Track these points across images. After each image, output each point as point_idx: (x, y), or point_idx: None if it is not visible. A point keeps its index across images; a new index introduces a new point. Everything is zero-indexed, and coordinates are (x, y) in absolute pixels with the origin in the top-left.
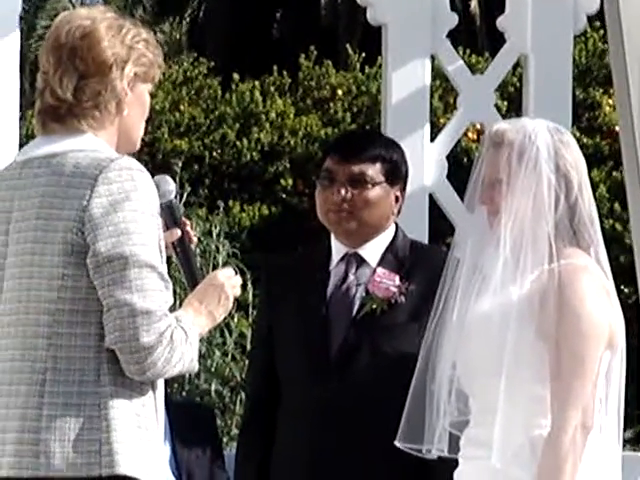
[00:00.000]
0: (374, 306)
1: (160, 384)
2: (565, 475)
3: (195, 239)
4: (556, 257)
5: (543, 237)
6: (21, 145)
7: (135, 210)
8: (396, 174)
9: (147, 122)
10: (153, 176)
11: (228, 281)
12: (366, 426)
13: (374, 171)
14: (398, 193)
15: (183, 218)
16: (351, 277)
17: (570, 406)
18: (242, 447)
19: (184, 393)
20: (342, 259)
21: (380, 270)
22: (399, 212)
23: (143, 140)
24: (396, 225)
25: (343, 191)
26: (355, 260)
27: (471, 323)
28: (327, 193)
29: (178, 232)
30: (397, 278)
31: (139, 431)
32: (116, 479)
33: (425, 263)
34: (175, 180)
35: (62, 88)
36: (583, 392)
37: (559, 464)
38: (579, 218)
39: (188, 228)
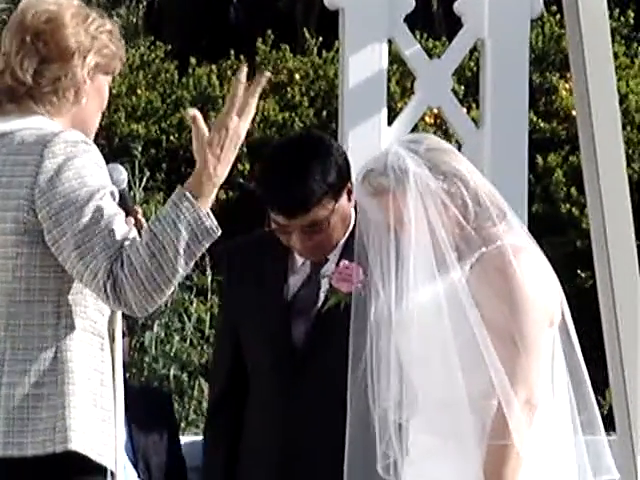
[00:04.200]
0: (338, 300)
1: (119, 364)
2: (512, 454)
3: (146, 226)
4: (488, 240)
5: (467, 235)
6: None
7: (78, 177)
8: (341, 185)
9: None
10: (108, 161)
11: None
12: (332, 418)
13: (324, 209)
14: (349, 186)
15: (135, 207)
16: (314, 276)
17: (515, 385)
18: (209, 440)
19: (142, 378)
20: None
21: (342, 264)
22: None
23: (100, 124)
24: (356, 209)
25: (302, 239)
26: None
27: (414, 313)
28: (283, 238)
29: (132, 220)
30: (361, 271)
31: (95, 410)
32: (68, 456)
33: None
34: (134, 165)
35: (22, 70)
36: (527, 371)
37: (506, 442)
38: (485, 202)
39: (140, 216)
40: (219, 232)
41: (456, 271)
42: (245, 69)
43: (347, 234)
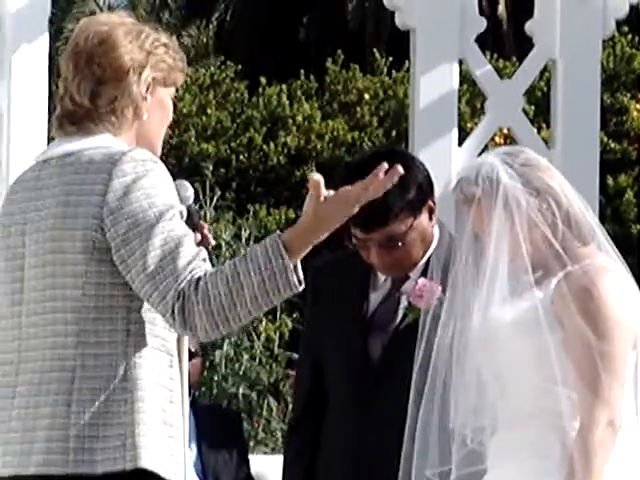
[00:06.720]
0: (416, 317)
1: (185, 382)
2: (595, 474)
3: (213, 242)
4: (575, 259)
5: (555, 253)
6: None
7: (147, 197)
8: (422, 200)
9: (174, 125)
10: (176, 179)
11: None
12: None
13: (402, 224)
14: (431, 204)
15: (202, 222)
16: (394, 293)
17: (598, 406)
18: (289, 458)
19: (212, 397)
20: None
21: (421, 281)
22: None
23: (170, 144)
24: (439, 224)
25: (380, 254)
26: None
27: (498, 329)
28: (363, 253)
29: (198, 236)
30: (439, 289)
31: (164, 427)
32: (138, 473)
33: None
34: (205, 184)
35: (80, 93)
36: (611, 391)
37: (589, 463)
38: (575, 221)
39: (206, 231)
40: (302, 287)
41: (537, 290)
42: (385, 166)
43: (429, 253)
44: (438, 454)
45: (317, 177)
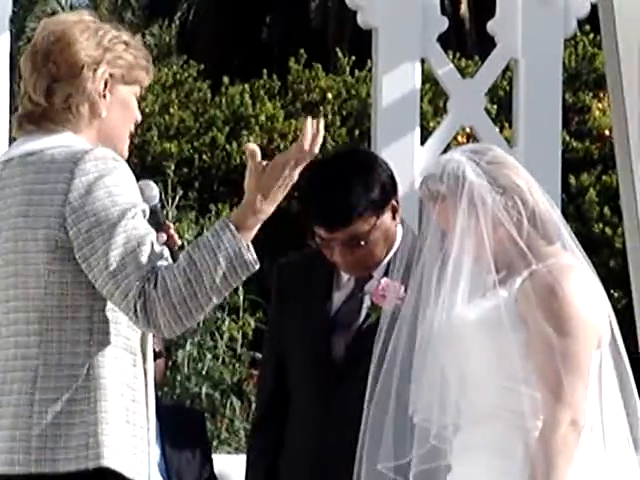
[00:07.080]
0: (378, 316)
1: (151, 381)
2: (557, 474)
3: (179, 242)
4: (540, 258)
5: (519, 251)
6: None
7: (110, 195)
8: (386, 199)
9: (136, 125)
10: (141, 179)
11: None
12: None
13: (365, 223)
14: (394, 203)
15: (167, 222)
16: (357, 292)
17: (561, 405)
18: (251, 457)
19: (175, 396)
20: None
21: (384, 281)
22: (398, 206)
23: (132, 143)
24: (402, 223)
25: (343, 253)
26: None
27: (462, 328)
28: (327, 252)
29: (164, 236)
30: (402, 289)
31: (127, 426)
32: (101, 472)
33: None
34: (167, 183)
35: (36, 92)
36: (574, 391)
37: (551, 463)
38: (541, 220)
39: (172, 231)
40: (257, 266)
41: (502, 289)
42: (312, 121)
43: (392, 252)
44: (393, 448)
45: (253, 146)
